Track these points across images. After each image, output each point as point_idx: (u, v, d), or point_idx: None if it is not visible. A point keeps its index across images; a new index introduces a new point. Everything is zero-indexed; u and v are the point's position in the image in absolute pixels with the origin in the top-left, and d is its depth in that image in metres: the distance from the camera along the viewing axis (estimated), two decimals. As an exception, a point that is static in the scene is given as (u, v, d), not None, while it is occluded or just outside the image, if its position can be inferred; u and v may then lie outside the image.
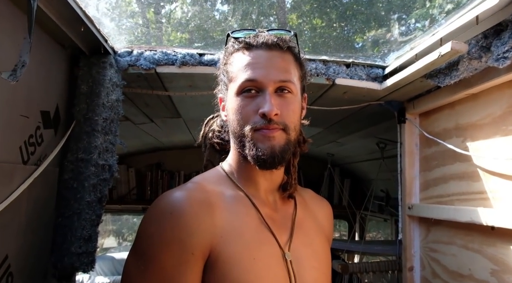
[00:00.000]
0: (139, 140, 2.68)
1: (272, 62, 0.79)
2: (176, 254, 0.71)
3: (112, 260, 3.91)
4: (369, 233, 4.01)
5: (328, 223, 1.01)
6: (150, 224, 0.74)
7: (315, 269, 0.85)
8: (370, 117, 1.78)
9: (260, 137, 0.77)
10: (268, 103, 0.75)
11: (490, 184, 1.05)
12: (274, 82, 0.77)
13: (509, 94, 0.99)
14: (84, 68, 1.15)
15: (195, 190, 0.80)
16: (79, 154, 1.12)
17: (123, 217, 7.16)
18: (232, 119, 0.81)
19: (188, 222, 0.73)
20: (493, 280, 1.02)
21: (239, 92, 0.79)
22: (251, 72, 0.77)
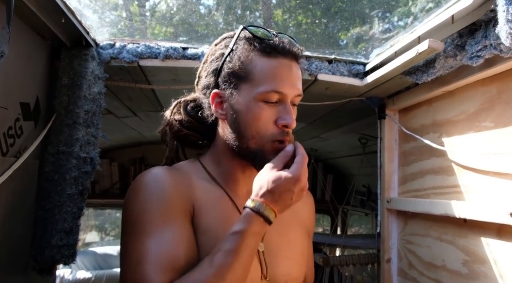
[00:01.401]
0: (122, 134, 2.65)
1: (294, 74, 0.80)
2: (169, 212, 0.75)
3: (94, 255, 3.87)
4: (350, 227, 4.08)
5: (309, 214, 1.03)
6: (137, 194, 0.77)
7: (288, 259, 0.88)
8: (352, 113, 1.81)
9: (273, 151, 0.80)
10: (291, 116, 0.79)
11: (464, 178, 1.09)
12: (294, 95, 0.81)
13: (482, 91, 1.03)
14: (65, 60, 1.14)
15: (172, 169, 0.84)
16: (60, 146, 1.11)
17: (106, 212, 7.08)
18: (244, 124, 0.80)
19: (172, 188, 0.78)
20: (465, 269, 1.07)
21: (260, 99, 0.78)
22: (280, 84, 0.78)
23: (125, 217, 0.77)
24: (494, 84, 0.99)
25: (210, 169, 0.89)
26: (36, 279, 1.14)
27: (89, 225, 6.92)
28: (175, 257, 0.71)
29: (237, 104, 0.80)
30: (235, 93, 0.81)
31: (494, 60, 0.92)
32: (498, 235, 0.96)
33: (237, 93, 0.81)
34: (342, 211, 3.26)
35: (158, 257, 0.70)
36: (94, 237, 7.09)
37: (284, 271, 0.85)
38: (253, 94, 0.78)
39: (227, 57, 0.82)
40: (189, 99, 0.95)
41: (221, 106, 0.84)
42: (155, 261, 0.70)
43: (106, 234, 7.48)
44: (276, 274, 0.83)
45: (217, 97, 0.84)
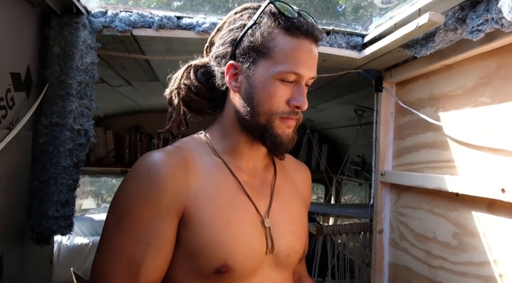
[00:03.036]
0: (116, 102, 2.63)
1: (312, 58, 0.81)
2: (152, 209, 0.76)
3: (91, 221, 3.93)
4: (344, 196, 4.15)
5: (306, 187, 1.06)
6: (128, 182, 0.79)
7: (290, 233, 0.90)
8: (349, 84, 1.80)
9: (283, 126, 0.82)
10: (304, 98, 0.80)
11: (458, 153, 1.10)
12: (309, 77, 0.81)
13: (480, 66, 1.02)
14: (55, 28, 1.10)
15: (173, 153, 0.82)
16: (53, 118, 1.10)
17: (102, 179, 7.13)
18: (258, 100, 0.80)
19: (164, 181, 0.77)
20: (454, 241, 1.10)
21: (278, 78, 0.78)
22: (299, 66, 0.78)
23: (113, 200, 0.80)
24: (494, 59, 0.98)
25: (216, 143, 0.89)
26: (33, 249, 1.17)
27: (86, 191, 6.98)
28: (138, 263, 0.75)
29: (253, 78, 0.80)
30: (253, 67, 0.80)
31: (495, 35, 0.90)
32: (489, 209, 0.98)
33: (254, 68, 0.80)
34: (337, 180, 3.30)
35: (123, 257, 0.75)
36: (91, 203, 7.18)
37: (287, 245, 0.88)
38: (271, 71, 0.78)
39: (249, 29, 0.80)
40: (199, 64, 0.93)
41: (236, 78, 0.83)
42: (119, 260, 0.75)
43: (102, 201, 7.58)
44: (279, 248, 0.86)
45: (233, 68, 0.83)
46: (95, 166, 3.20)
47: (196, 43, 1.30)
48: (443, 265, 1.14)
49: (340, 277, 2.26)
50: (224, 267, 0.76)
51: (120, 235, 0.75)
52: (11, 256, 1.05)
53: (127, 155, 3.23)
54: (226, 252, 0.77)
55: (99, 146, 3.18)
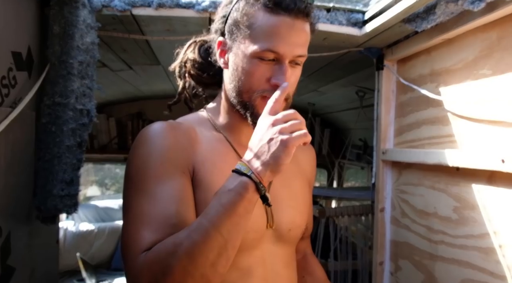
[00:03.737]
0: (118, 88, 2.63)
1: (295, 34, 0.76)
2: (171, 168, 0.76)
3: (96, 208, 3.98)
4: (346, 181, 4.16)
5: (310, 166, 1.07)
6: (139, 148, 0.79)
7: (292, 208, 0.91)
8: (350, 65, 1.79)
9: (263, 105, 0.77)
10: (284, 77, 0.76)
11: (459, 127, 1.10)
12: (293, 55, 0.77)
13: (481, 38, 1.01)
14: (55, 7, 1.10)
15: (176, 124, 0.84)
16: (55, 98, 1.11)
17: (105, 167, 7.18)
18: (239, 78, 0.80)
19: (174, 144, 0.78)
20: (455, 215, 1.10)
21: (255, 56, 0.77)
22: (275, 43, 0.75)
23: (126, 172, 0.79)
24: (495, 30, 0.97)
25: (216, 120, 0.90)
26: (39, 228, 1.19)
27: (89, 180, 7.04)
28: (169, 215, 0.72)
29: (236, 56, 0.80)
30: (236, 45, 0.80)
31: (496, 4, 0.89)
32: (489, 181, 0.99)
33: (237, 46, 0.80)
34: (339, 164, 3.31)
35: (152, 216, 0.71)
36: (95, 191, 7.25)
37: (288, 219, 0.89)
38: (249, 50, 0.77)
39: (235, 5, 0.79)
40: (204, 39, 0.94)
41: (224, 55, 0.83)
42: (148, 220, 0.70)
43: (106, 189, 7.64)
44: (280, 223, 0.86)
45: (222, 45, 0.83)
46: (98, 153, 3.22)
47: (196, 23, 1.30)
48: (443, 240, 1.15)
49: (342, 258, 2.29)
50: None
51: (146, 195, 0.72)
52: (18, 234, 1.07)
53: (130, 142, 3.24)
54: None
55: (102, 133, 3.19)
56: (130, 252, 0.69)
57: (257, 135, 0.70)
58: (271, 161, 0.66)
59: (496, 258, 0.95)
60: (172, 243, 0.66)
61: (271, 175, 0.68)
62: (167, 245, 0.66)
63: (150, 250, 0.67)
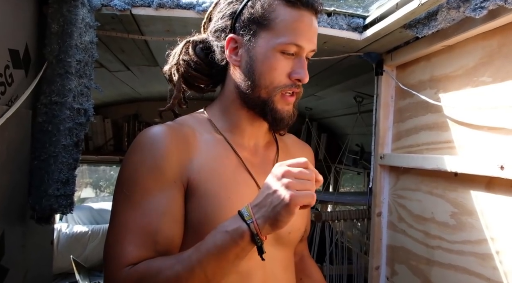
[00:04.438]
0: (115, 89, 2.61)
1: (313, 29, 0.80)
2: (161, 179, 0.75)
3: (90, 209, 3.95)
4: (342, 186, 4.17)
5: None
6: (132, 155, 0.78)
7: None
8: (349, 69, 1.79)
9: (283, 102, 0.81)
10: (305, 71, 0.79)
11: (457, 133, 1.10)
12: (310, 50, 0.81)
13: (482, 45, 1.02)
14: (53, 5, 1.09)
15: (175, 127, 0.82)
16: (52, 97, 1.09)
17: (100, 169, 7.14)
18: (259, 73, 0.80)
19: (167, 153, 0.76)
20: (452, 221, 1.10)
21: (279, 50, 0.78)
22: (300, 37, 0.77)
23: (118, 176, 0.79)
24: (495, 38, 0.97)
25: (217, 121, 0.88)
26: (34, 228, 1.17)
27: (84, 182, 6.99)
28: (153, 231, 0.72)
29: (254, 51, 0.80)
30: (253, 40, 0.80)
31: (498, 12, 0.89)
32: (487, 187, 0.99)
33: (255, 41, 0.80)
34: (335, 169, 3.31)
35: (136, 229, 0.72)
36: (89, 193, 7.20)
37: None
38: (272, 43, 0.77)
39: (249, 1, 0.79)
40: (198, 39, 0.92)
41: (236, 52, 0.83)
42: (132, 233, 0.72)
43: (101, 191, 7.59)
44: None
45: (233, 42, 0.82)
46: (93, 154, 3.20)
47: (196, 24, 1.28)
48: (440, 245, 1.15)
49: (337, 263, 2.29)
50: None
51: (132, 208, 0.74)
52: (12, 234, 1.05)
53: (126, 144, 3.23)
54: None
55: (97, 135, 3.18)
56: (112, 264, 0.71)
57: (267, 181, 0.67)
58: (271, 215, 0.64)
59: (493, 264, 0.95)
60: (157, 267, 0.68)
61: (270, 229, 0.65)
62: (152, 269, 0.68)
63: (134, 266, 0.69)
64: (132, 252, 0.71)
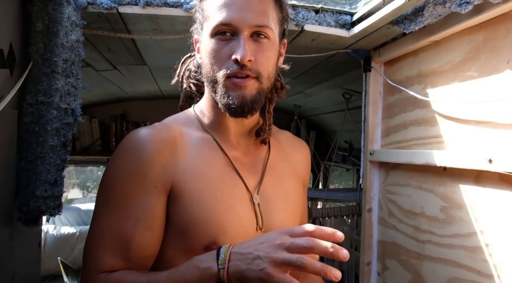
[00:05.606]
0: (102, 89, 2.58)
1: (250, 3, 0.75)
2: (139, 185, 0.75)
3: (77, 210, 3.90)
4: (332, 183, 4.19)
5: (304, 165, 1.03)
6: (115, 159, 0.79)
7: (283, 211, 0.89)
8: (337, 66, 1.80)
9: (232, 85, 0.77)
10: (242, 49, 0.73)
11: (445, 128, 1.12)
12: (250, 26, 0.75)
13: (468, 40, 1.03)
14: (38, 4, 1.06)
15: (161, 129, 0.82)
16: (38, 96, 1.07)
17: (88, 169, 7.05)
18: (205, 62, 0.80)
19: (150, 157, 0.76)
20: (442, 215, 1.12)
21: (213, 34, 0.77)
22: (226, 14, 0.74)
23: (101, 179, 0.80)
24: (481, 33, 0.99)
25: (203, 118, 0.89)
26: (22, 230, 1.14)
27: (71, 183, 6.90)
28: (128, 238, 0.74)
29: (202, 45, 0.82)
30: (201, 35, 0.83)
31: (483, 7, 0.91)
32: (476, 181, 1.00)
33: (202, 35, 0.83)
34: (324, 166, 3.33)
35: (112, 235, 0.74)
36: (77, 194, 7.11)
37: (280, 222, 0.86)
38: (207, 31, 0.79)
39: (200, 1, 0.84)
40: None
41: (199, 52, 0.86)
42: (108, 239, 0.74)
43: (88, 192, 7.50)
44: (271, 225, 0.84)
45: (197, 43, 0.88)
46: (80, 155, 3.15)
47: (183, 22, 1.28)
48: (430, 239, 1.17)
49: (328, 259, 2.30)
50: (213, 245, 0.75)
51: (109, 212, 0.75)
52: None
53: (114, 144, 3.19)
54: (215, 229, 0.76)
55: (84, 135, 3.13)
56: (88, 269, 0.74)
57: (262, 239, 0.64)
58: (245, 271, 0.61)
59: (483, 257, 0.97)
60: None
61: (239, 282, 0.62)
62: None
63: (108, 275, 0.72)
64: (106, 259, 0.73)
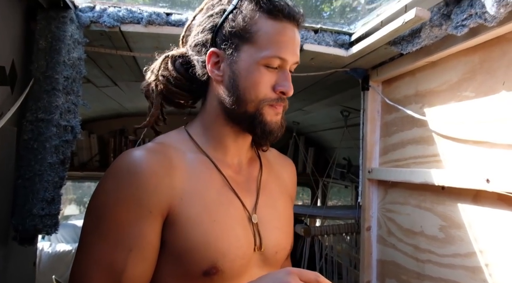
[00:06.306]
0: (101, 105, 2.59)
1: (296, 41, 0.79)
2: (133, 211, 0.71)
3: (73, 227, 3.85)
4: (330, 200, 4.17)
5: (292, 182, 1.04)
6: (107, 182, 0.74)
7: (277, 230, 0.88)
8: (336, 84, 1.82)
9: (272, 113, 0.80)
10: (290, 84, 0.78)
11: (443, 147, 1.12)
12: (293, 62, 0.80)
13: (464, 61, 1.05)
14: (42, 22, 1.08)
15: (156, 150, 0.78)
16: (38, 114, 1.08)
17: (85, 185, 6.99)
18: (243, 88, 0.77)
19: (146, 180, 0.72)
20: (441, 234, 1.11)
21: (263, 63, 0.76)
22: (284, 50, 0.76)
23: (90, 201, 0.75)
24: (477, 54, 1.01)
25: (199, 138, 0.85)
26: (17, 250, 1.13)
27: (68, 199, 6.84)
28: (117, 270, 0.70)
29: (236, 66, 0.78)
30: (236, 54, 0.77)
31: (478, 30, 0.93)
32: (474, 200, 1.00)
33: (237, 54, 0.77)
34: (323, 183, 3.32)
35: (102, 266, 0.70)
36: (73, 210, 7.03)
37: (275, 241, 0.85)
38: (255, 57, 0.76)
39: (230, 14, 0.77)
40: (176, 54, 0.89)
41: (218, 67, 0.80)
42: (96, 268, 0.70)
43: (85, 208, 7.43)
44: (267, 246, 0.83)
45: (214, 56, 0.80)
46: (78, 170, 3.14)
47: (184, 41, 1.30)
48: (430, 259, 1.16)
49: (328, 278, 2.27)
50: (213, 269, 0.74)
51: (99, 239, 0.70)
52: (-7, 256, 1.02)
53: (112, 160, 3.18)
54: (214, 253, 0.74)
55: (82, 150, 3.12)
56: None
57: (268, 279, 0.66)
58: None
59: (483, 277, 0.96)
60: None
61: None
62: None
63: None
64: None
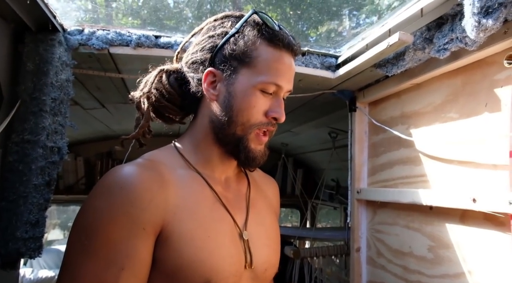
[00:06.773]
0: (89, 127, 2.57)
1: (292, 70, 0.83)
2: (125, 228, 0.68)
3: (57, 252, 3.74)
4: (319, 221, 4.15)
5: (276, 199, 1.06)
6: (97, 198, 0.71)
7: (267, 247, 0.88)
8: (323, 106, 1.84)
9: (257, 141, 0.82)
10: (282, 111, 0.81)
11: (430, 167, 1.14)
12: (287, 90, 0.83)
13: (447, 84, 1.08)
14: (29, 44, 1.08)
15: (146, 166, 0.77)
16: (25, 135, 1.06)
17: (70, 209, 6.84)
18: (237, 110, 0.79)
19: (139, 197, 0.70)
20: (430, 255, 1.11)
21: (259, 88, 0.78)
22: (280, 77, 0.79)
23: (76, 220, 0.71)
24: (459, 77, 1.04)
25: (189, 155, 0.85)
26: (-2, 275, 1.09)
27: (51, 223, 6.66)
28: None
29: (233, 87, 0.79)
30: (233, 76, 0.79)
31: (460, 53, 0.96)
32: (461, 220, 1.01)
33: (235, 77, 0.79)
34: (312, 205, 3.31)
35: None
36: (57, 235, 6.84)
37: (265, 258, 0.86)
38: (253, 81, 0.78)
39: (231, 37, 0.79)
40: (172, 69, 0.90)
41: (214, 86, 0.81)
42: None
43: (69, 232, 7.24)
44: (257, 262, 0.83)
45: (211, 75, 0.81)
46: (63, 194, 3.07)
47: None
48: (420, 279, 1.15)
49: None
50: None
51: (88, 259, 0.66)
52: (-28, 282, 0.98)
53: (98, 182, 3.13)
54: (208, 270, 0.73)
55: (68, 173, 3.07)
56: None
57: None
58: None
59: (473, 298, 0.96)
60: None
61: None
62: None
63: None
64: None
